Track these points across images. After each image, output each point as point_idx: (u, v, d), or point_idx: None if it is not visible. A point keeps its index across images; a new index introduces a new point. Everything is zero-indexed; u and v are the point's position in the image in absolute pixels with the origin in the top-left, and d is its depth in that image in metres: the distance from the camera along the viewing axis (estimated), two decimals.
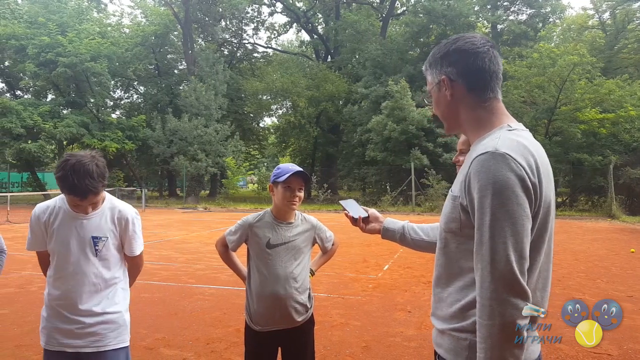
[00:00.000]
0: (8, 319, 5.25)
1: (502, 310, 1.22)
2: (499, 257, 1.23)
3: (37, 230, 2.32)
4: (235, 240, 2.64)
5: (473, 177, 1.31)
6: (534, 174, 1.30)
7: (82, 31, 27.63)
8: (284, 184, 2.52)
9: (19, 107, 25.88)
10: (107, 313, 2.31)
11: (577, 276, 7.76)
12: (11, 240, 11.92)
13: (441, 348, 1.47)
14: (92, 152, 2.25)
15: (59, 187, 2.15)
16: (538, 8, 31.83)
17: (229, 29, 40.29)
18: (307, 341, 2.64)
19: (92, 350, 2.27)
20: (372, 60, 30.66)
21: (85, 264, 2.27)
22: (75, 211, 2.27)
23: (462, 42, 1.48)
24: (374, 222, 1.99)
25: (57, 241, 2.27)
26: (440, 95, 1.54)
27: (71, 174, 2.07)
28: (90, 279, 2.28)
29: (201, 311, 5.63)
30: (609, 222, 17.85)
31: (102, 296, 2.31)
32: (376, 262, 9.03)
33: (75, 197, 2.15)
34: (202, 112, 28.59)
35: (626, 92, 22.50)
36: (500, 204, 1.25)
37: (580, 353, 4.25)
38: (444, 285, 1.49)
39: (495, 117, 1.47)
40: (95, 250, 2.28)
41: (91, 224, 2.29)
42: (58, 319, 2.26)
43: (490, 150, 1.30)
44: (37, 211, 2.33)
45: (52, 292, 2.31)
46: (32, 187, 31.44)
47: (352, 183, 34.88)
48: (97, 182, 2.13)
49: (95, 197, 2.21)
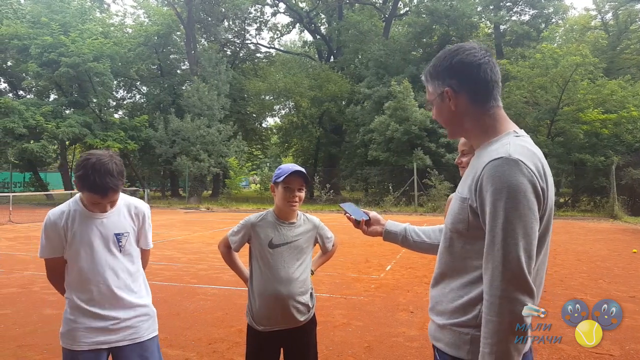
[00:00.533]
0: (10, 319, 5.27)
1: (512, 308, 1.29)
2: (511, 258, 1.30)
3: (53, 236, 2.28)
4: (238, 240, 2.65)
5: (486, 181, 1.37)
6: (543, 179, 1.38)
7: (85, 31, 27.66)
8: (284, 183, 2.53)
9: (21, 107, 25.93)
10: (140, 306, 2.39)
11: (579, 276, 7.75)
12: (13, 240, 11.96)
13: (441, 342, 1.52)
14: (109, 151, 2.29)
15: (78, 186, 2.18)
16: (541, 9, 31.81)
17: (232, 29, 40.29)
18: (310, 341, 2.64)
19: (129, 343, 2.33)
20: (374, 61, 30.65)
21: (113, 260, 2.32)
22: (93, 210, 2.29)
23: (464, 54, 1.52)
24: (376, 225, 2.03)
25: (80, 243, 2.27)
26: (443, 105, 1.58)
27: (92, 173, 2.10)
28: (119, 274, 2.33)
29: (203, 311, 5.64)
30: (611, 223, 17.81)
31: (132, 290, 2.38)
32: (378, 262, 9.03)
33: (95, 195, 2.17)
34: (205, 112, 28.60)
35: (629, 93, 22.47)
36: (513, 207, 1.31)
37: (582, 353, 4.25)
38: (447, 282, 1.54)
39: (500, 124, 1.53)
40: (119, 247, 2.35)
41: (112, 222, 2.33)
42: (91, 319, 2.28)
43: (503, 155, 1.36)
44: (52, 217, 2.29)
45: (80, 295, 2.29)
46: (34, 187, 31.54)
47: (354, 183, 34.91)
48: (117, 180, 2.17)
49: (115, 194, 2.25)
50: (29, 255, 9.61)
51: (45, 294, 6.35)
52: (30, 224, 16.26)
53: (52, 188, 34.87)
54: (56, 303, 5.90)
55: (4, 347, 4.38)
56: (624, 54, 32.89)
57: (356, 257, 9.51)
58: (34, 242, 11.64)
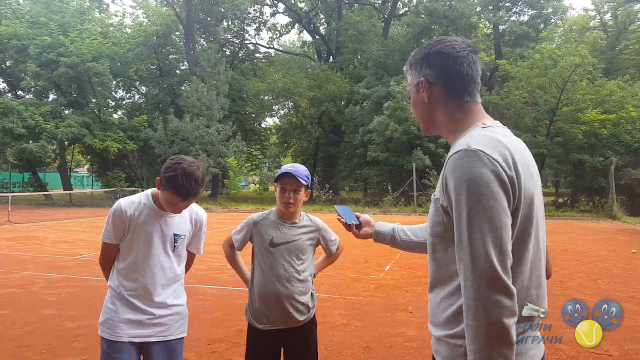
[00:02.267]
0: (9, 319, 5.26)
1: (487, 310, 1.19)
2: (479, 254, 1.21)
3: (118, 223, 2.38)
4: (241, 239, 2.67)
5: (449, 177, 1.31)
6: (511, 168, 1.28)
7: (84, 31, 27.66)
8: (279, 184, 2.56)
9: (20, 107, 25.93)
10: (175, 305, 2.49)
11: (578, 277, 7.76)
12: (12, 240, 11.94)
13: (439, 355, 1.45)
14: (197, 159, 2.42)
15: (164, 185, 2.27)
16: (540, 9, 31.82)
17: (231, 30, 40.31)
18: (310, 342, 2.64)
19: (158, 340, 2.41)
20: (374, 61, 30.65)
21: (164, 258, 2.44)
22: (169, 210, 2.38)
23: (443, 45, 1.48)
24: (366, 227, 2.01)
25: (140, 235, 2.38)
26: (418, 96, 1.54)
27: (182, 176, 2.22)
28: (166, 272, 2.45)
29: (202, 311, 5.63)
30: (610, 223, 17.83)
31: (172, 289, 2.49)
32: (378, 262, 9.04)
33: (179, 197, 2.27)
34: (204, 113, 28.57)
35: (627, 93, 22.51)
36: (475, 200, 1.23)
37: (581, 354, 4.25)
38: (437, 291, 1.47)
39: (471, 117, 1.47)
40: (174, 247, 2.46)
41: (174, 222, 2.46)
42: (130, 310, 2.37)
43: (463, 148, 1.29)
44: (124, 205, 2.39)
45: (127, 284, 2.39)
46: (33, 187, 31.47)
47: (353, 184, 34.89)
48: (200, 187, 2.31)
49: (194, 199, 2.38)
50: (28, 255, 9.60)
51: (44, 294, 6.34)
52: (29, 224, 16.24)
53: (51, 188, 34.80)
54: (55, 303, 5.90)
55: (3, 347, 4.37)
56: (623, 54, 32.95)
57: (355, 257, 9.51)
58: (33, 242, 11.63)
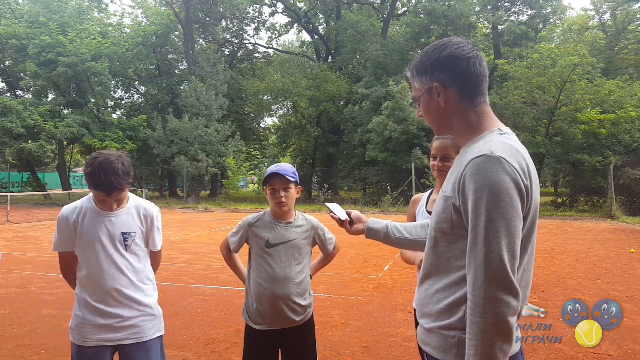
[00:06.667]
0: (8, 319, 5.26)
1: (495, 308, 1.26)
2: (494, 257, 1.27)
3: (65, 231, 2.38)
4: (237, 241, 2.67)
5: (469, 179, 1.35)
6: (527, 177, 1.35)
7: (83, 31, 27.62)
8: (268, 186, 2.57)
9: (19, 107, 25.89)
10: (144, 305, 2.44)
11: (577, 277, 7.76)
12: (11, 240, 11.94)
13: (429, 346, 1.50)
14: (119, 152, 2.39)
15: (87, 184, 2.27)
16: (539, 9, 31.79)
17: (230, 30, 40.29)
18: (308, 342, 2.64)
19: (133, 342, 2.39)
20: (373, 61, 30.64)
21: (119, 259, 2.38)
22: (101, 207, 2.38)
23: (453, 48, 1.50)
24: (358, 223, 2.01)
25: (88, 239, 2.36)
26: (431, 102, 1.55)
27: (99, 171, 2.20)
28: (124, 273, 2.39)
29: (202, 311, 5.63)
30: (609, 223, 17.83)
31: (137, 289, 2.43)
32: (377, 262, 9.03)
33: (101, 192, 2.27)
34: (203, 113, 28.56)
35: (626, 93, 22.50)
36: (495, 205, 1.29)
37: (580, 354, 4.24)
38: (430, 283, 1.53)
39: (486, 121, 1.51)
40: (126, 246, 2.41)
41: (120, 221, 2.41)
42: (96, 315, 2.35)
43: (486, 153, 1.34)
44: (65, 212, 2.39)
45: (88, 289, 2.38)
46: (32, 187, 31.48)
47: (352, 184, 34.86)
48: (122, 179, 2.27)
49: (120, 193, 2.33)
50: (27, 255, 9.59)
51: (43, 294, 6.33)
52: (29, 224, 16.22)
53: (50, 188, 34.82)
54: (54, 303, 5.89)
55: (2, 347, 4.37)
56: (622, 54, 33.00)
57: (354, 257, 9.51)
58: (32, 242, 11.62)
